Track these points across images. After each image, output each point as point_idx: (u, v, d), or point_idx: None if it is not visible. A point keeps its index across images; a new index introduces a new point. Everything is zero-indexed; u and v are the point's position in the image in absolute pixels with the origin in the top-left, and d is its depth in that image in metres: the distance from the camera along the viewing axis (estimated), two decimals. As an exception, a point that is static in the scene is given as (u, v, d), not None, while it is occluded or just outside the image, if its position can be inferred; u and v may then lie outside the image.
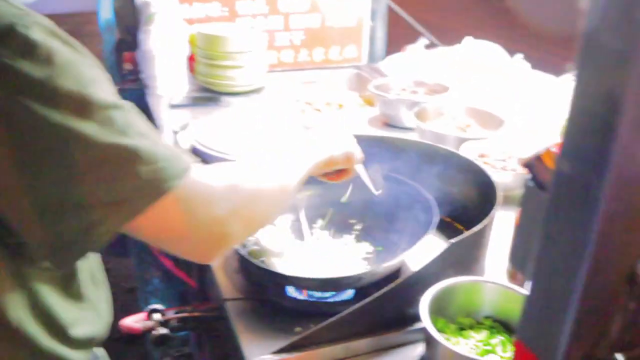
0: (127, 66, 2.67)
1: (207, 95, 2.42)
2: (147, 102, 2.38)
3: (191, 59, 2.53)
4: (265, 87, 2.53)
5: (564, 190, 0.38)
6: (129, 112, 0.85)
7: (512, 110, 2.02)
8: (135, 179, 0.81)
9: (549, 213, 0.39)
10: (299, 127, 2.00)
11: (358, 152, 1.32)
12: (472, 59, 2.35)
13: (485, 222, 1.27)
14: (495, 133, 1.88)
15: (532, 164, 0.43)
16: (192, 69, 2.53)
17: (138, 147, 0.81)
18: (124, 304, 2.18)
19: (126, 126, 0.82)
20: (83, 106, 0.78)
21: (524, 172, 1.66)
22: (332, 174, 1.31)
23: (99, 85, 0.82)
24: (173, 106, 2.33)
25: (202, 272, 1.78)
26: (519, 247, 0.46)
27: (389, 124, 2.20)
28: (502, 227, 1.41)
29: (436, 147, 1.60)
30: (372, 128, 2.20)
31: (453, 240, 1.21)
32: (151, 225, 0.86)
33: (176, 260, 2.05)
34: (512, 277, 1.35)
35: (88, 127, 0.78)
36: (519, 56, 2.28)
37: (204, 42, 2.39)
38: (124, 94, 0.98)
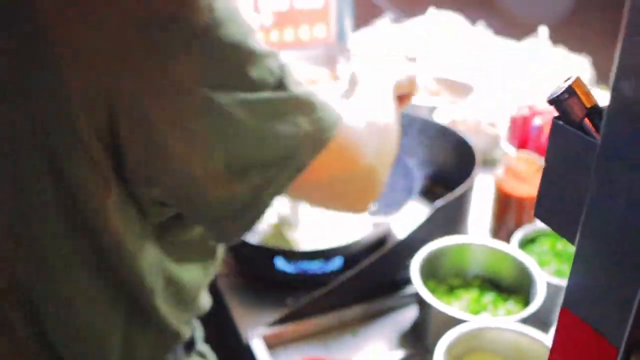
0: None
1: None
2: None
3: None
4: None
5: (625, 121, 0.28)
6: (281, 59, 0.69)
7: (478, 77, 1.93)
8: (298, 131, 0.67)
9: (605, 152, 0.29)
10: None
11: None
12: (437, 29, 2.25)
13: (467, 183, 1.18)
14: (465, 100, 1.79)
15: (561, 99, 0.33)
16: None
17: (298, 97, 0.68)
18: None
19: (285, 75, 0.67)
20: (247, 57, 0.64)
21: (496, 134, 1.57)
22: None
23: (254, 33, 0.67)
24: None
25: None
26: (546, 197, 0.36)
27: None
28: (481, 189, 1.33)
29: (411, 116, 1.50)
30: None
31: (438, 204, 1.12)
32: (312, 181, 0.72)
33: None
34: (495, 235, 1.27)
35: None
36: (481, 23, 2.19)
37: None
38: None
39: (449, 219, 1.18)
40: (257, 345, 1.03)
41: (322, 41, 2.66)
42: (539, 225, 1.19)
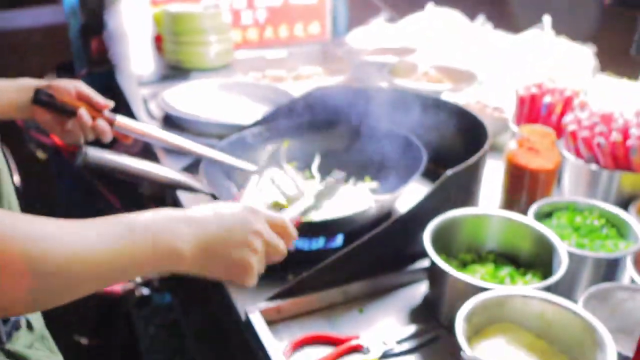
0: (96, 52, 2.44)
1: (176, 72, 2.20)
2: (117, 82, 2.16)
3: (158, 39, 2.31)
4: (233, 63, 2.33)
5: None
6: None
7: (480, 67, 1.86)
8: None
9: None
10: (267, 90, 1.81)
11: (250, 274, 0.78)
12: (435, 25, 2.20)
13: (480, 153, 1.10)
14: (468, 86, 1.72)
15: None
16: (160, 48, 2.31)
17: None
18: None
19: None
20: None
21: (503, 118, 1.50)
22: None
23: None
24: (143, 84, 2.11)
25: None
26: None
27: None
28: (489, 173, 1.23)
29: (418, 93, 1.43)
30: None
31: (450, 172, 1.04)
32: None
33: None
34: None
35: None
36: (481, 17, 2.13)
37: (171, 20, 2.18)
38: (93, 77, 0.82)
39: (460, 190, 1.10)
40: (257, 321, 0.93)
41: (316, 38, 2.60)
42: (555, 198, 1.12)
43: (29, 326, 0.97)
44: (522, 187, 1.14)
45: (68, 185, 2.78)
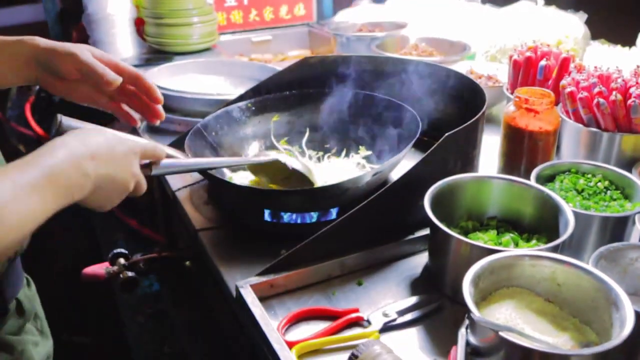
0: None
1: (159, 56, 2.13)
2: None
3: (139, 22, 2.23)
4: (217, 46, 2.26)
5: None
6: None
7: (469, 39, 1.81)
8: None
9: None
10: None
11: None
12: (422, 3, 2.14)
13: (479, 115, 1.04)
14: (459, 57, 1.66)
15: None
16: (141, 32, 2.23)
17: None
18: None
19: None
20: None
21: (498, 87, 1.45)
22: None
23: None
24: (124, 68, 2.03)
25: (169, 221, 1.51)
26: None
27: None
28: (486, 147, 1.17)
29: (411, 61, 1.36)
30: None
31: (448, 133, 0.98)
32: None
33: (140, 218, 1.77)
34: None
35: None
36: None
37: (152, 1, 2.10)
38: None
39: (459, 155, 1.04)
40: (248, 295, 0.87)
41: (302, 19, 2.53)
42: (557, 161, 1.06)
43: (19, 310, 0.90)
44: (522, 150, 1.09)
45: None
